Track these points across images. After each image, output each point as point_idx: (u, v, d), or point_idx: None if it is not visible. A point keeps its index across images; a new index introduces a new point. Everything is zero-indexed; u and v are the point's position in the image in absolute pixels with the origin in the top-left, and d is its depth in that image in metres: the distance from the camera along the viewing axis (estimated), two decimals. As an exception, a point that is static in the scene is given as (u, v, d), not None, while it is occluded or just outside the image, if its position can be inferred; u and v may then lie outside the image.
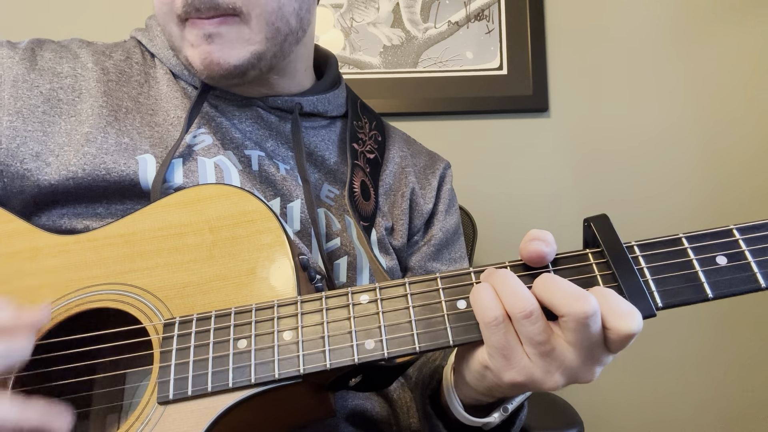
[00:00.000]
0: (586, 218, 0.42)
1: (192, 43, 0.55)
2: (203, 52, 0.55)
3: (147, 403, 0.40)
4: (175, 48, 0.58)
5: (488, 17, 1.32)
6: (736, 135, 1.31)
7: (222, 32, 0.54)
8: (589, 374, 0.39)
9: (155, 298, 0.45)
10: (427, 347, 0.40)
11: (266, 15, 0.55)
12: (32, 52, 0.59)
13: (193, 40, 0.55)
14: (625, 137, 1.32)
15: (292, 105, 0.64)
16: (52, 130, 0.55)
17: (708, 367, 1.28)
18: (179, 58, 0.60)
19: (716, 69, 1.33)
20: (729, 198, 1.30)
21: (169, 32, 0.57)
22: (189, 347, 0.41)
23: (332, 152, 0.68)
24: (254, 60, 0.57)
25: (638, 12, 1.34)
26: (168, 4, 0.55)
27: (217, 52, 0.55)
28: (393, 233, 0.68)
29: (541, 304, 0.38)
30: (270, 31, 0.56)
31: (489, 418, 0.47)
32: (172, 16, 0.55)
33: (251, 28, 0.55)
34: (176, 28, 0.56)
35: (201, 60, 0.55)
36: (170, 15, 0.56)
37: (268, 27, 0.56)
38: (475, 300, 0.39)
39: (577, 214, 1.28)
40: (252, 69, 0.57)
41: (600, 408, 1.26)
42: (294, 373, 0.39)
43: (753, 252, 0.39)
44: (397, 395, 0.64)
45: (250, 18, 0.55)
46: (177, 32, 0.56)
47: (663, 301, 0.39)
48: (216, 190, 0.49)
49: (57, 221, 0.55)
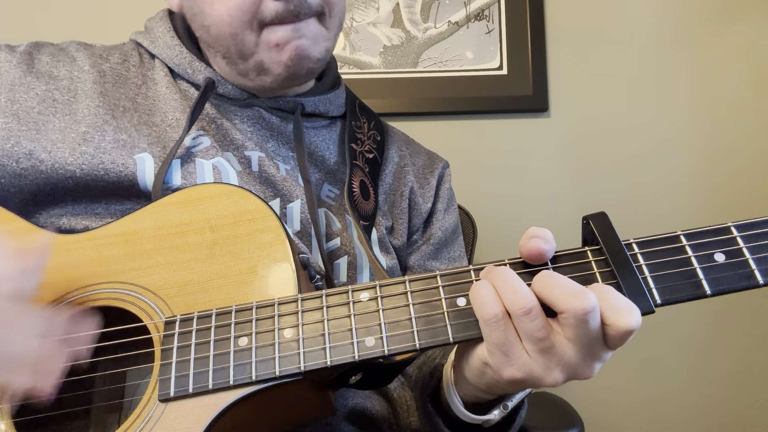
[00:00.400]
0: (585, 216, 0.42)
1: (278, 43, 0.57)
2: (294, 47, 0.57)
3: (148, 400, 0.41)
4: (244, 54, 0.59)
5: (488, 17, 1.33)
6: (735, 135, 1.32)
7: (311, 28, 0.58)
8: (589, 370, 0.39)
9: (156, 296, 0.45)
10: (427, 344, 0.40)
11: (339, 15, 0.62)
12: (30, 55, 0.59)
13: (281, 38, 0.57)
14: (625, 137, 1.32)
15: (293, 105, 0.65)
16: (45, 128, 0.55)
17: (708, 367, 1.28)
18: (241, 67, 0.60)
19: (716, 69, 1.33)
20: (727, 197, 1.30)
21: (242, 39, 0.57)
22: (190, 345, 0.42)
23: (332, 152, 0.68)
24: (327, 55, 0.62)
25: (638, 12, 1.34)
26: (250, 12, 0.55)
27: (308, 47, 0.58)
28: (393, 232, 0.68)
29: (541, 300, 0.38)
30: (338, 28, 0.63)
31: (489, 416, 0.47)
32: (251, 23, 0.56)
33: (328, 27, 0.60)
34: (251, 33, 0.57)
35: (292, 55, 0.57)
36: (249, 22, 0.56)
37: (338, 25, 0.62)
38: (474, 297, 0.40)
39: (577, 214, 1.27)
40: (324, 64, 0.62)
41: (600, 408, 1.26)
42: (295, 370, 0.40)
43: (751, 249, 0.39)
44: (397, 394, 0.64)
45: (330, 17, 0.60)
46: (252, 38, 0.57)
47: (661, 298, 0.39)
48: (217, 189, 0.49)
49: (56, 221, 0.55)
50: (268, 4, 0.55)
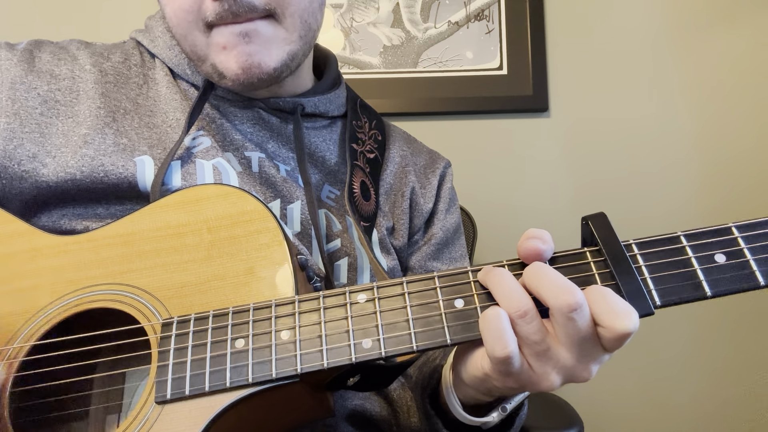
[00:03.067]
0: (584, 216, 0.42)
1: (225, 46, 0.53)
2: (242, 54, 0.53)
3: (145, 402, 0.40)
4: (199, 57, 0.56)
5: (488, 17, 1.32)
6: (735, 135, 1.31)
7: (260, 30, 0.53)
8: (586, 373, 0.39)
9: (153, 298, 0.45)
10: (424, 346, 0.40)
11: (300, 12, 0.55)
12: (30, 53, 0.59)
13: (227, 41, 0.53)
14: (625, 137, 1.31)
15: (293, 106, 0.64)
16: (49, 131, 0.55)
17: (708, 367, 1.28)
18: (201, 69, 0.58)
19: (716, 69, 1.32)
20: (728, 197, 1.30)
21: (192, 41, 0.55)
22: (187, 347, 0.41)
23: (333, 153, 0.68)
24: (289, 60, 0.56)
25: (638, 12, 1.34)
26: (193, 12, 0.53)
27: (257, 54, 0.53)
28: (394, 233, 0.68)
29: (532, 293, 0.38)
30: (303, 28, 0.56)
31: (488, 418, 0.47)
32: (197, 23, 0.54)
33: (286, 27, 0.55)
34: (201, 35, 0.54)
35: (239, 63, 0.53)
36: (194, 22, 0.54)
37: (302, 24, 0.55)
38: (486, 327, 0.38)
39: (577, 214, 1.27)
40: (286, 70, 0.57)
41: (600, 408, 1.26)
42: (291, 372, 0.39)
43: (752, 250, 0.39)
44: (397, 395, 0.64)
45: (285, 17, 0.54)
46: (202, 39, 0.54)
47: (661, 299, 0.38)
48: (214, 190, 0.49)
49: (57, 222, 0.55)
50: (207, 4, 0.52)
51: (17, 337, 0.45)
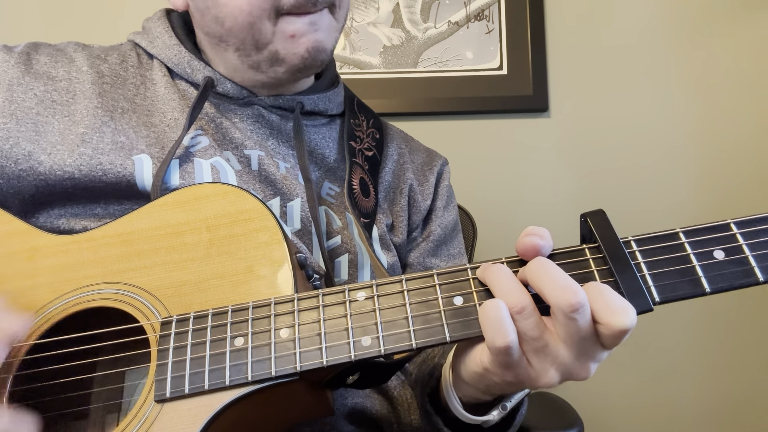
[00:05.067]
0: (583, 213, 0.42)
1: (294, 34, 0.57)
2: (311, 40, 0.58)
3: (144, 401, 0.40)
4: (258, 45, 0.58)
5: (488, 17, 1.32)
6: (735, 134, 1.31)
7: (325, 19, 0.59)
8: (584, 371, 0.38)
9: (153, 296, 0.45)
10: (423, 344, 0.40)
11: (347, 6, 0.63)
12: (28, 56, 0.59)
13: (296, 29, 0.57)
14: (625, 137, 1.31)
15: (293, 104, 0.65)
16: (44, 129, 0.55)
17: (708, 367, 1.28)
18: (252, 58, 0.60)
19: (716, 69, 1.32)
20: (726, 195, 1.29)
21: (258, 28, 0.57)
22: (186, 345, 0.41)
23: (332, 150, 0.68)
24: (335, 46, 0.63)
25: (638, 12, 1.34)
26: (269, 1, 0.56)
27: (323, 40, 0.59)
28: (393, 230, 0.68)
29: (534, 289, 0.38)
30: (345, 20, 0.64)
31: (488, 416, 0.47)
32: (268, 12, 0.56)
33: (337, 18, 0.61)
34: (268, 23, 0.57)
35: (309, 47, 0.58)
36: (267, 10, 0.56)
37: (345, 17, 0.63)
38: (485, 319, 0.39)
39: (577, 214, 1.27)
40: (331, 56, 0.64)
41: (600, 408, 1.26)
42: (291, 370, 0.39)
43: (750, 246, 0.39)
44: (397, 393, 0.64)
45: (340, 9, 0.61)
46: (269, 27, 0.57)
47: (660, 296, 0.38)
48: (213, 188, 0.49)
49: (55, 222, 0.55)
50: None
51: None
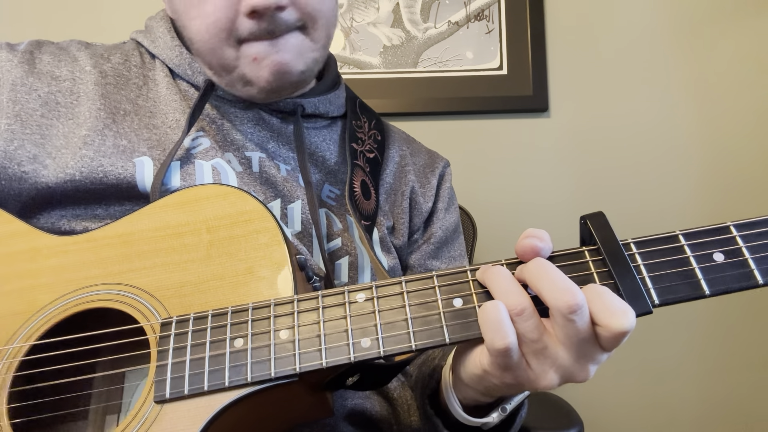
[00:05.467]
0: (583, 216, 0.42)
1: (256, 57, 0.55)
2: (274, 62, 0.55)
3: (144, 402, 0.40)
4: (225, 68, 0.58)
5: (488, 17, 1.32)
6: (735, 135, 1.31)
7: (290, 41, 0.56)
8: (584, 373, 0.38)
9: (153, 297, 0.45)
10: (423, 345, 0.40)
11: (326, 26, 0.59)
12: (31, 54, 0.59)
13: (258, 52, 0.55)
14: (625, 137, 1.31)
15: (294, 107, 0.64)
16: (49, 133, 0.55)
17: (708, 367, 1.28)
18: (224, 78, 0.59)
19: (716, 69, 1.32)
20: (727, 197, 1.29)
21: (221, 54, 0.57)
22: (185, 346, 0.42)
23: (333, 152, 0.68)
24: (313, 65, 0.60)
25: (638, 12, 1.34)
26: (226, 30, 0.55)
27: (287, 62, 0.56)
28: (394, 232, 0.68)
29: (532, 291, 0.38)
30: (326, 38, 0.60)
31: (488, 418, 0.47)
32: (228, 39, 0.55)
33: (312, 38, 0.58)
34: (230, 49, 0.56)
35: (273, 70, 0.56)
36: (225, 39, 0.55)
37: (325, 36, 0.60)
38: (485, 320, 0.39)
39: (577, 215, 1.27)
40: (311, 74, 0.60)
41: (600, 408, 1.26)
42: (290, 371, 0.39)
43: (750, 248, 0.39)
44: (397, 394, 0.64)
45: (314, 29, 0.57)
46: (231, 53, 0.56)
47: (659, 298, 0.38)
48: (213, 190, 0.49)
49: (56, 223, 0.55)
50: (243, 22, 0.54)
51: (17, 337, 0.45)
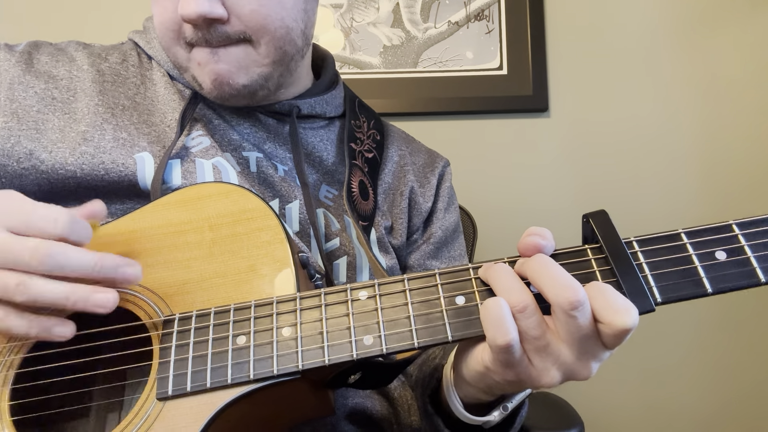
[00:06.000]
0: (585, 214, 0.42)
1: (200, 62, 0.56)
2: (212, 72, 0.55)
3: (146, 399, 0.40)
4: (181, 68, 0.59)
5: (488, 17, 1.33)
6: (735, 134, 1.31)
7: (231, 53, 0.55)
8: (586, 370, 0.39)
9: (155, 295, 0.45)
10: (425, 343, 0.40)
11: (275, 41, 0.56)
12: (29, 55, 0.59)
13: (201, 58, 0.55)
14: (625, 137, 1.32)
15: (289, 108, 0.64)
16: (45, 127, 0.55)
17: (708, 367, 1.28)
18: (185, 77, 0.60)
19: (716, 69, 1.33)
20: (729, 195, 1.30)
21: (174, 54, 0.58)
22: (188, 343, 0.42)
23: (330, 152, 0.68)
24: (262, 81, 0.58)
25: (638, 12, 1.34)
26: (175, 31, 0.55)
27: (227, 73, 0.55)
28: (392, 232, 0.68)
29: (534, 287, 0.38)
30: (278, 54, 0.57)
31: (489, 417, 0.47)
32: (179, 41, 0.56)
33: (259, 53, 0.56)
34: (182, 50, 0.57)
35: (211, 80, 0.56)
36: (176, 39, 0.56)
37: (276, 51, 0.57)
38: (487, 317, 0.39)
39: (577, 214, 1.28)
40: (261, 89, 0.59)
41: (601, 408, 1.26)
42: (292, 369, 0.39)
43: (752, 247, 0.39)
44: (397, 393, 0.64)
45: (260, 44, 0.56)
46: (183, 54, 0.57)
47: (662, 296, 0.39)
48: (216, 188, 0.49)
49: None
50: (186, 27, 0.55)
51: (18, 335, 0.45)
